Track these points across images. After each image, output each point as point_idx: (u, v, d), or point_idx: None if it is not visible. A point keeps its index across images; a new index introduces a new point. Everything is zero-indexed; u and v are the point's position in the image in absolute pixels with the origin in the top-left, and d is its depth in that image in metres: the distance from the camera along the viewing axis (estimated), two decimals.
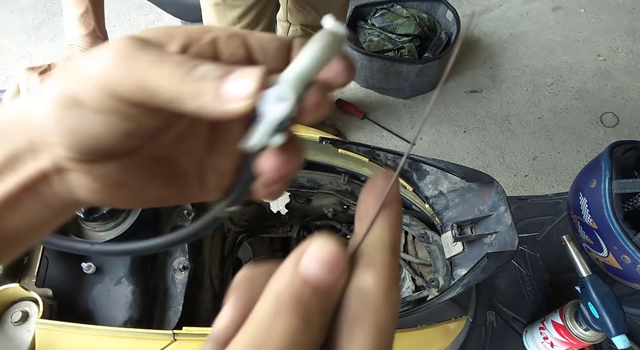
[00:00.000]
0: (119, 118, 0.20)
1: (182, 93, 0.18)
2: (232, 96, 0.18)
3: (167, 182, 0.24)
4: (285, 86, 0.19)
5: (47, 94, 0.20)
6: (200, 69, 0.19)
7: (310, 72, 0.19)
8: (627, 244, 0.75)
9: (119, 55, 0.19)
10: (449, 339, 0.75)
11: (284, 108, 0.19)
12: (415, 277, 0.83)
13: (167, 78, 0.18)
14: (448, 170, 0.70)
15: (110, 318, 0.63)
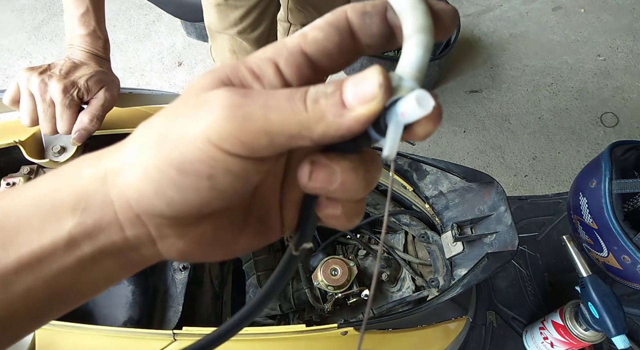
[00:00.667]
0: (231, 179, 0.19)
1: (305, 122, 0.18)
2: (357, 102, 0.17)
3: (255, 230, 0.24)
4: (412, 82, 0.18)
5: (136, 163, 0.19)
6: (312, 90, 0.18)
7: (425, 64, 0.19)
8: (627, 244, 0.75)
9: (228, 106, 0.18)
10: (449, 339, 0.75)
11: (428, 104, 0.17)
12: (415, 277, 0.83)
13: (288, 111, 0.18)
14: (448, 170, 0.70)
15: (110, 318, 0.63)
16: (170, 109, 0.20)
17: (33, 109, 0.61)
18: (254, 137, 0.18)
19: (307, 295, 0.79)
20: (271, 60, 0.20)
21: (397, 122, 0.18)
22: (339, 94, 0.18)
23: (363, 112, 0.17)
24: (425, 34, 0.19)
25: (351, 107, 0.17)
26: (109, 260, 0.21)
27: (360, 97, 0.17)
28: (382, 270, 0.84)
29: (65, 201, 0.20)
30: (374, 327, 0.64)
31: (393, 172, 0.20)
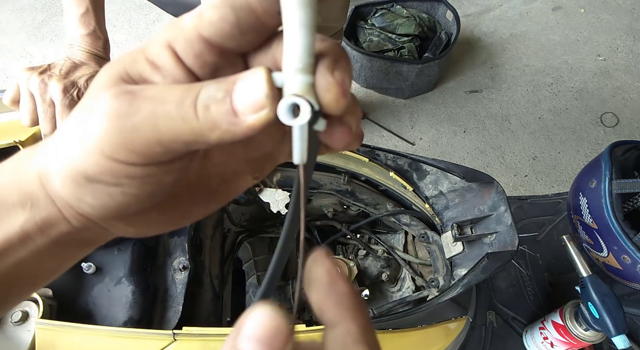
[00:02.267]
0: (137, 183, 0.18)
1: (198, 130, 0.17)
2: (247, 111, 0.17)
3: (210, 197, 0.23)
4: (295, 82, 0.17)
5: (57, 170, 0.19)
6: (202, 94, 0.17)
7: (309, 47, 0.17)
8: (627, 244, 0.75)
9: (113, 117, 0.17)
10: (449, 339, 0.75)
11: (305, 111, 0.17)
12: (415, 277, 0.83)
13: (178, 120, 0.17)
14: (448, 170, 0.70)
15: (110, 318, 0.62)
16: (77, 110, 0.19)
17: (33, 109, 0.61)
18: (145, 147, 0.17)
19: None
20: (169, 47, 0.19)
21: (295, 126, 0.17)
22: (229, 102, 0.17)
23: (255, 121, 0.17)
24: (301, 7, 0.17)
25: (243, 116, 0.17)
26: (65, 248, 0.21)
27: (249, 106, 0.17)
28: (382, 270, 0.84)
29: (13, 198, 0.20)
30: (374, 327, 0.64)
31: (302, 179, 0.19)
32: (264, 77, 0.17)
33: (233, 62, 0.20)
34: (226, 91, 0.17)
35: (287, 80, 0.17)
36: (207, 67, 0.19)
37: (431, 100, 1.98)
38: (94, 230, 0.21)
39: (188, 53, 0.19)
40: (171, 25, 0.19)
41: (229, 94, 0.17)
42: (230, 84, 0.17)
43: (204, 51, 0.19)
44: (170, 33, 0.19)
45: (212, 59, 0.19)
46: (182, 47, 0.19)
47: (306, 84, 0.17)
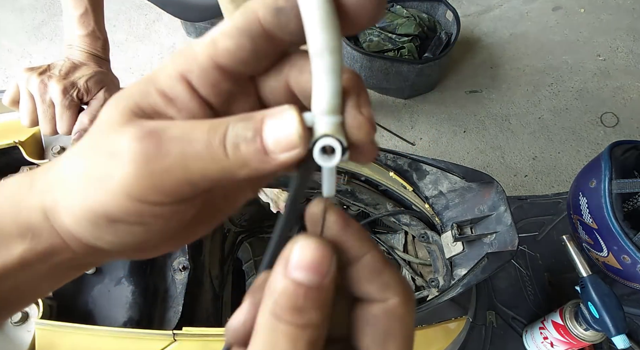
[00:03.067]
0: (162, 221, 0.19)
1: (228, 169, 0.17)
2: (278, 150, 0.17)
3: (211, 216, 0.24)
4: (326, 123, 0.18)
5: (69, 208, 0.18)
6: (230, 133, 0.17)
7: (338, 90, 0.18)
8: (627, 244, 0.75)
9: (141, 161, 0.17)
10: (449, 339, 0.75)
11: (338, 152, 0.18)
12: (415, 277, 0.83)
13: (208, 159, 0.17)
14: (448, 170, 0.70)
15: (110, 318, 0.63)
16: (86, 147, 0.19)
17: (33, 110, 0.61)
18: (175, 187, 0.17)
19: None
20: (183, 78, 0.19)
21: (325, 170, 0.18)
22: (259, 141, 0.17)
23: (286, 159, 0.17)
24: (330, 55, 0.17)
25: (274, 155, 0.17)
26: (64, 271, 0.21)
27: (281, 145, 0.17)
28: None
29: (11, 229, 0.19)
30: None
31: (325, 210, 0.20)
32: (296, 117, 0.17)
33: (245, 88, 0.20)
34: (255, 130, 0.17)
35: (318, 121, 0.18)
36: (222, 95, 0.19)
37: (431, 100, 1.98)
38: (99, 256, 0.21)
39: (204, 83, 0.19)
40: (181, 54, 0.19)
41: (258, 133, 0.17)
42: (259, 123, 0.17)
43: (220, 80, 0.19)
44: (181, 63, 0.19)
45: (227, 87, 0.19)
46: (198, 77, 0.18)
47: (336, 124, 0.18)
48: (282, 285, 0.17)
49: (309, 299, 0.17)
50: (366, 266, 0.19)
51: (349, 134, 0.18)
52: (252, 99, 0.21)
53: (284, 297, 0.16)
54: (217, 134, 0.17)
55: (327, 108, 0.18)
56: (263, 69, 0.20)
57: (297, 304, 0.16)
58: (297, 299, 0.16)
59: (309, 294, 0.17)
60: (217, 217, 0.24)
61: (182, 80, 0.19)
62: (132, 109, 0.18)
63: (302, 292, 0.16)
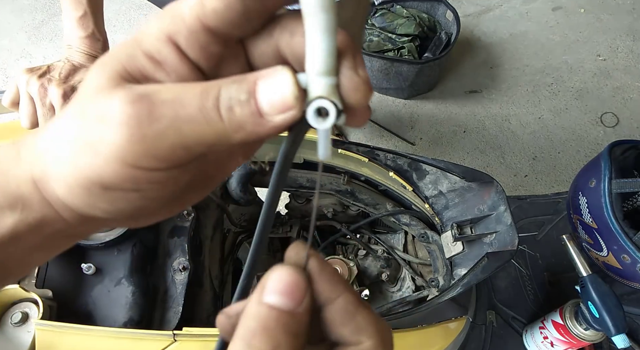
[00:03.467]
0: (158, 187, 0.18)
1: (223, 132, 0.17)
2: (274, 112, 0.17)
3: (204, 183, 0.23)
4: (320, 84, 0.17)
5: (60, 177, 0.18)
6: (224, 96, 0.17)
7: (333, 50, 0.17)
8: (627, 243, 0.75)
9: (134, 125, 0.16)
10: (449, 338, 0.75)
11: (332, 114, 0.18)
12: (415, 277, 0.83)
13: (202, 123, 0.17)
14: (448, 170, 0.70)
15: (110, 319, 0.62)
16: (75, 113, 0.18)
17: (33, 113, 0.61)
18: (170, 152, 0.17)
19: None
20: (170, 41, 0.18)
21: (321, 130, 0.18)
22: (254, 103, 0.17)
23: (281, 121, 0.17)
24: (324, 13, 0.17)
25: (269, 116, 0.17)
26: (57, 241, 0.21)
27: (276, 107, 0.17)
28: (382, 270, 0.84)
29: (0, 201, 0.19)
30: None
31: (320, 174, 0.19)
32: (291, 78, 0.17)
33: (234, 51, 0.20)
34: (249, 92, 0.17)
35: (312, 82, 0.18)
36: (211, 58, 0.19)
37: (431, 100, 1.98)
38: (93, 225, 0.21)
39: (193, 45, 0.18)
40: (167, 15, 0.18)
41: (252, 95, 0.17)
42: (252, 84, 0.17)
43: (209, 42, 0.18)
44: (168, 24, 0.18)
45: (217, 50, 0.19)
46: (186, 39, 0.18)
47: (331, 86, 0.18)
48: (255, 309, 0.17)
49: (280, 324, 0.17)
50: (339, 309, 0.19)
51: (344, 96, 0.18)
52: (242, 62, 0.20)
53: (256, 320, 0.17)
54: (210, 97, 0.17)
55: (321, 69, 0.17)
56: (253, 30, 0.19)
57: (267, 326, 0.17)
58: (268, 321, 0.17)
59: (281, 319, 0.17)
60: (209, 184, 0.24)
61: (169, 42, 0.18)
62: (119, 73, 0.18)
63: (274, 315, 0.17)
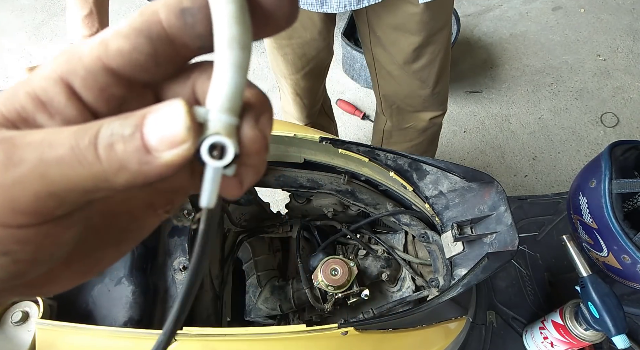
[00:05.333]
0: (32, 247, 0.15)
1: (101, 174, 0.14)
2: (163, 147, 0.14)
3: (118, 239, 0.20)
4: (221, 121, 0.16)
5: None
6: (104, 132, 0.14)
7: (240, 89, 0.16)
8: (627, 244, 0.75)
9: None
10: (449, 338, 0.75)
11: (229, 153, 0.16)
12: (415, 277, 0.83)
13: (74, 164, 0.14)
14: (448, 170, 0.70)
15: (110, 318, 0.63)
16: None
17: None
18: (34, 203, 0.14)
19: (307, 295, 0.79)
20: (62, 80, 0.16)
21: (209, 166, 0.16)
22: (139, 137, 0.14)
23: (172, 158, 0.14)
24: (236, 49, 0.15)
25: (157, 153, 0.14)
26: None
27: (166, 140, 0.14)
28: (382, 270, 0.84)
29: None
30: (374, 327, 0.64)
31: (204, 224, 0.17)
32: (184, 108, 0.15)
33: (141, 95, 0.18)
34: (135, 126, 0.14)
35: (213, 117, 0.16)
36: (111, 101, 0.17)
37: None
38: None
39: (89, 86, 0.16)
40: (63, 54, 0.16)
41: (138, 128, 0.14)
42: (139, 118, 0.15)
43: (110, 84, 0.16)
44: (62, 63, 0.16)
45: (119, 92, 0.17)
46: (82, 79, 0.16)
47: (232, 126, 0.16)
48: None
49: None
50: None
51: (242, 143, 0.16)
52: (150, 104, 0.18)
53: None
54: (87, 135, 0.14)
55: (224, 105, 0.16)
56: (164, 75, 0.17)
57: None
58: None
59: None
60: (126, 240, 0.20)
61: (60, 82, 0.16)
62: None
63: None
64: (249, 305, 0.84)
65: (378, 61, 1.03)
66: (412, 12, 0.86)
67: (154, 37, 0.16)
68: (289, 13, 0.16)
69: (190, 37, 0.16)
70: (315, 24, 0.96)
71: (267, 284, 0.85)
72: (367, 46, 1.03)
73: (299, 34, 0.99)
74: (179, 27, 0.16)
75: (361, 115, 1.91)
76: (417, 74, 1.01)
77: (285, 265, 0.96)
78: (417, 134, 1.26)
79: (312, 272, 0.80)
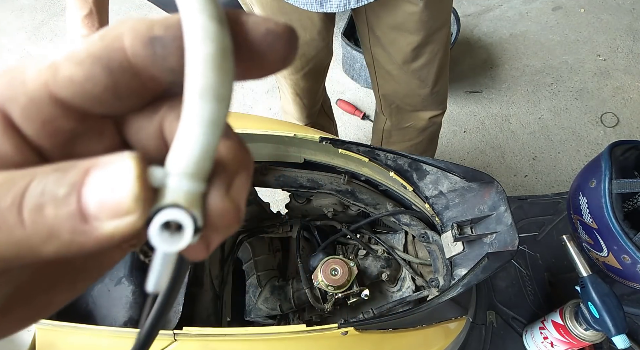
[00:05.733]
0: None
1: (25, 243, 0.12)
2: (103, 215, 0.12)
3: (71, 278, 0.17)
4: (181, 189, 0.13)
5: None
6: (33, 189, 0.12)
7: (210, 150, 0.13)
8: (627, 244, 0.75)
9: None
10: (449, 338, 0.75)
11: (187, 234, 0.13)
12: (415, 277, 0.83)
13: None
14: (448, 170, 0.70)
15: (110, 318, 0.62)
16: None
17: None
18: None
19: (307, 295, 0.79)
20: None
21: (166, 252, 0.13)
22: (75, 201, 0.12)
23: (113, 230, 0.12)
24: (209, 102, 0.12)
25: (96, 221, 0.12)
26: None
27: (108, 208, 0.12)
28: (382, 270, 0.84)
29: None
30: (374, 327, 0.64)
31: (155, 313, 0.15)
32: (135, 168, 0.12)
33: (98, 127, 0.15)
34: (71, 185, 0.12)
35: (172, 183, 0.13)
36: (58, 135, 0.14)
37: None
38: None
39: (30, 118, 0.13)
40: (4, 74, 0.13)
41: (75, 188, 0.12)
42: (80, 174, 0.12)
43: (56, 116, 0.13)
44: (0, 87, 0.13)
45: (68, 126, 0.14)
46: (22, 109, 0.13)
47: (195, 194, 0.13)
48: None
49: None
50: None
51: (207, 216, 0.13)
52: (110, 140, 0.15)
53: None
54: (12, 191, 0.12)
55: (188, 169, 0.13)
56: (126, 109, 0.15)
57: None
58: None
59: None
60: (81, 279, 0.18)
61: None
62: None
63: None
64: (249, 305, 0.84)
65: (377, 61, 1.04)
66: (411, 12, 0.86)
67: (114, 67, 0.13)
68: (283, 56, 0.14)
69: (159, 71, 0.13)
70: (315, 24, 0.96)
71: (267, 284, 0.85)
72: (366, 46, 1.03)
73: (298, 34, 0.99)
74: (146, 58, 0.13)
75: (361, 115, 1.91)
76: (416, 73, 1.01)
77: (285, 265, 0.96)
78: (416, 133, 1.26)
79: (312, 272, 0.80)
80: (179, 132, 0.13)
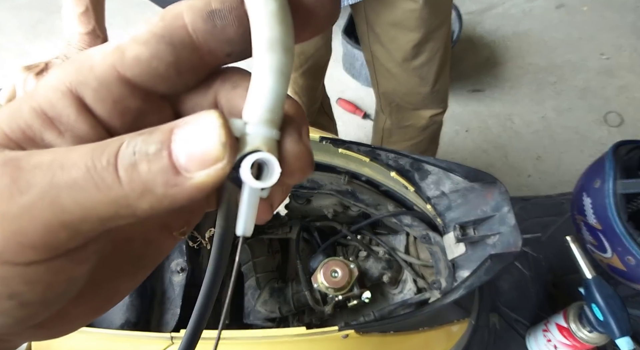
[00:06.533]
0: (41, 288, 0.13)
1: (122, 200, 0.12)
2: (194, 166, 0.13)
3: (134, 267, 0.18)
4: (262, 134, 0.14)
5: None
6: (125, 150, 0.13)
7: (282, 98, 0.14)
8: (632, 245, 0.74)
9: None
10: (451, 341, 0.74)
11: (275, 173, 0.14)
12: (417, 279, 0.82)
13: (91, 190, 0.12)
14: (450, 170, 0.69)
15: (107, 321, 0.62)
16: None
17: None
18: (44, 235, 0.12)
19: (307, 298, 0.78)
20: (70, 93, 0.14)
21: (249, 188, 0.14)
22: (166, 155, 0.12)
23: (205, 179, 0.13)
24: (278, 52, 0.14)
25: (187, 173, 0.13)
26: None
27: (198, 159, 0.12)
28: (384, 271, 0.83)
29: None
30: (376, 330, 0.64)
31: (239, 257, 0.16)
32: (219, 120, 0.13)
33: (158, 108, 0.16)
34: (161, 142, 0.13)
35: (252, 130, 0.14)
36: (127, 115, 0.15)
37: None
38: None
39: (102, 99, 0.14)
40: (72, 63, 0.15)
41: (165, 145, 0.13)
42: (167, 133, 0.13)
43: (125, 95, 0.15)
44: (70, 73, 0.14)
45: (135, 105, 0.15)
46: (94, 91, 0.14)
47: (273, 140, 0.14)
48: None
49: None
50: None
51: (285, 161, 0.15)
52: (169, 118, 0.16)
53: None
54: (105, 154, 0.12)
55: (265, 116, 0.14)
56: (185, 86, 0.16)
57: None
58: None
59: None
60: (141, 267, 0.19)
61: (69, 94, 0.14)
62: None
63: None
64: (247, 307, 0.83)
65: (377, 58, 1.03)
66: (410, 9, 0.85)
67: (177, 44, 0.14)
68: (330, 12, 0.15)
69: (218, 43, 0.15)
70: None
71: (266, 285, 0.84)
72: (365, 43, 1.02)
73: None
74: (207, 32, 0.14)
75: (362, 115, 1.90)
76: (417, 71, 1.00)
77: (285, 267, 0.95)
78: (417, 132, 1.25)
79: (311, 274, 0.80)
80: (252, 84, 0.14)
